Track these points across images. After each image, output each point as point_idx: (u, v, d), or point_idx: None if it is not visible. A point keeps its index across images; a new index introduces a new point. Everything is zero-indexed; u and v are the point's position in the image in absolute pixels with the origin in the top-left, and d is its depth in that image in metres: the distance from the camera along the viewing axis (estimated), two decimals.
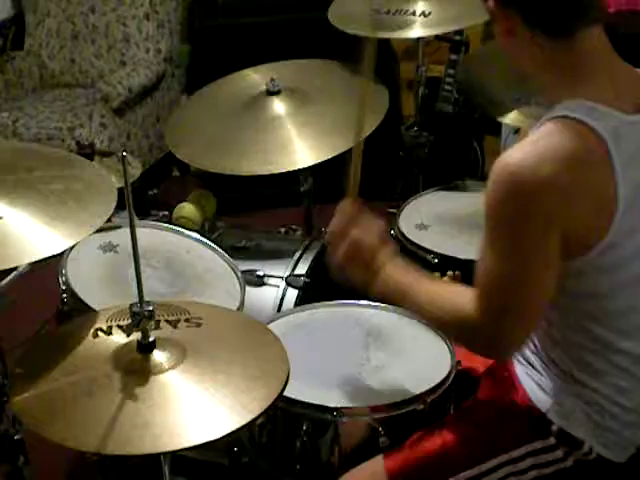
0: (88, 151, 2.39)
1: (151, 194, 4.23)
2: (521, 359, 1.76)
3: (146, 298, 1.56)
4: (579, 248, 1.52)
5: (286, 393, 1.59)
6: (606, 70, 1.56)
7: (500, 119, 2.70)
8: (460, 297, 1.61)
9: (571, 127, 1.49)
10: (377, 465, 1.77)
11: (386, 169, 4.07)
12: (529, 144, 1.51)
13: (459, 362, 1.96)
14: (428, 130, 3.18)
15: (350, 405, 1.84)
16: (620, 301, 1.59)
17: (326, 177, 2.77)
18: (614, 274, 1.56)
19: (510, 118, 2.66)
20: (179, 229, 2.42)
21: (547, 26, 1.54)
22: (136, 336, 1.58)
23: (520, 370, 1.76)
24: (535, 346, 1.71)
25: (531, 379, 1.72)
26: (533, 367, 1.72)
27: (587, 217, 1.50)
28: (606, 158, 1.49)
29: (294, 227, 2.85)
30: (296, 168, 2.55)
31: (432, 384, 1.87)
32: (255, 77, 2.85)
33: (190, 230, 2.43)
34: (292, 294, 2.38)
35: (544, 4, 1.53)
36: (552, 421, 1.67)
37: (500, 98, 2.68)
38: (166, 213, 2.68)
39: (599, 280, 1.56)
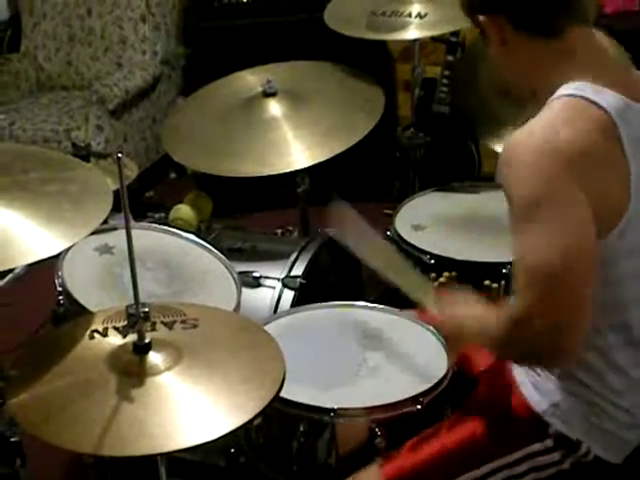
0: (84, 153, 2.38)
1: (148, 196, 4.24)
2: None
3: (142, 300, 1.55)
4: (606, 225, 1.50)
5: (283, 394, 1.59)
6: (601, 65, 1.58)
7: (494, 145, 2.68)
8: (504, 307, 1.58)
9: (579, 103, 1.51)
10: (373, 472, 1.77)
11: (382, 170, 4.08)
12: (541, 119, 1.53)
13: (456, 362, 1.96)
14: (424, 131, 3.18)
15: (347, 406, 1.83)
16: (624, 292, 1.59)
17: (322, 178, 2.78)
18: (624, 263, 1.56)
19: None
20: (175, 231, 2.42)
21: (537, 27, 1.56)
22: (132, 337, 1.58)
23: (519, 371, 1.76)
24: None
25: (529, 381, 1.72)
26: (533, 369, 1.72)
27: (610, 188, 1.50)
28: (614, 133, 1.50)
29: (290, 228, 2.85)
30: (292, 169, 2.55)
31: (429, 385, 1.88)
32: (251, 79, 2.86)
33: (186, 232, 2.43)
34: (288, 295, 2.38)
35: (532, 5, 1.55)
36: (549, 423, 1.67)
37: (495, 108, 2.68)
38: (162, 215, 2.68)
39: (616, 268, 1.56)
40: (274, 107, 2.68)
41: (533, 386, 1.71)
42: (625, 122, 1.51)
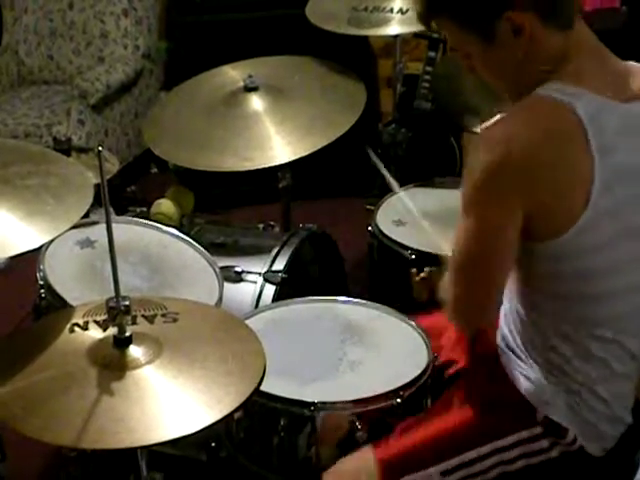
0: (65, 147, 2.38)
1: (129, 191, 4.22)
2: (505, 349, 1.77)
3: (123, 293, 1.56)
4: (548, 228, 1.53)
5: (263, 388, 1.60)
6: (596, 59, 1.58)
7: (475, 129, 2.71)
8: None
9: (547, 102, 1.51)
10: (367, 454, 1.77)
11: (364, 166, 4.08)
12: (506, 117, 1.55)
13: (436, 357, 1.97)
14: (406, 127, 3.20)
15: (327, 400, 1.84)
16: (596, 286, 1.60)
17: (304, 173, 2.79)
18: (591, 258, 1.56)
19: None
20: (157, 225, 2.41)
21: (561, 20, 1.55)
22: (112, 331, 1.58)
23: (506, 359, 1.77)
24: (519, 334, 1.72)
25: (516, 368, 1.74)
26: (517, 356, 1.74)
27: (566, 188, 1.51)
28: (582, 136, 1.50)
29: (272, 223, 2.85)
30: (274, 164, 2.56)
31: (409, 378, 1.88)
32: (233, 74, 2.85)
33: (168, 226, 2.43)
34: (270, 290, 2.38)
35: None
36: (537, 409, 1.69)
37: (476, 104, 2.70)
38: (144, 209, 2.68)
39: (577, 264, 1.56)
40: (256, 102, 2.68)
41: (521, 373, 1.73)
42: (600, 127, 1.50)
